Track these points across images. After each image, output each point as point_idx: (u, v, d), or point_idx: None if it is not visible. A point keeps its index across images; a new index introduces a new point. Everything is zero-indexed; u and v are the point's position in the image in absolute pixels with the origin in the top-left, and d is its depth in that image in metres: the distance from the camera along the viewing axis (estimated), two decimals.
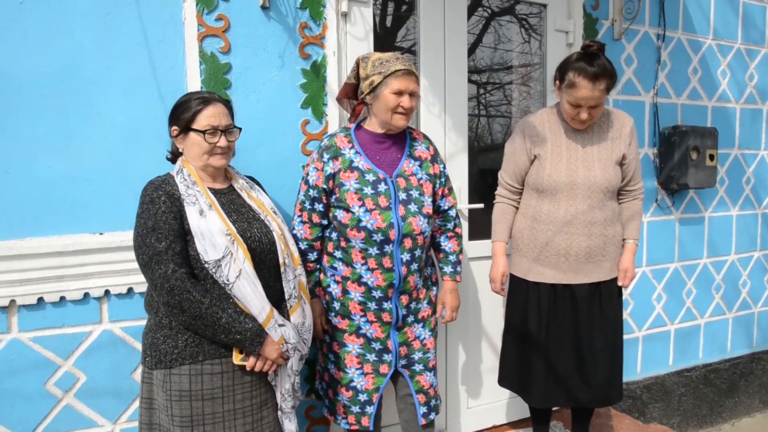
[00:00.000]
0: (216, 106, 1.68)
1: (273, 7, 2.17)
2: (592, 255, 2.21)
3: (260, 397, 1.69)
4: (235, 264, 1.58)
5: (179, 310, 1.54)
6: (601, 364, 2.23)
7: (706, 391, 3.53)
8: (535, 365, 2.27)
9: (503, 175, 2.38)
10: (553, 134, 2.25)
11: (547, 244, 2.22)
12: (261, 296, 1.61)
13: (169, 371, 1.59)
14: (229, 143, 1.71)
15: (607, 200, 2.21)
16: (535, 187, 2.26)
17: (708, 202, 3.51)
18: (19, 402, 1.89)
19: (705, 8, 3.37)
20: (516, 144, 2.32)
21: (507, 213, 2.37)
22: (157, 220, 1.57)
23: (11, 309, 1.87)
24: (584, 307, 2.23)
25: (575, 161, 2.19)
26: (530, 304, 2.28)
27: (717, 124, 3.46)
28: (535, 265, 2.26)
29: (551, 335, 2.24)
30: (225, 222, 1.62)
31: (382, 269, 1.95)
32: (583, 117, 2.12)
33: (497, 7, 2.90)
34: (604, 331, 2.24)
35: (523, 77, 3.07)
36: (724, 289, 3.64)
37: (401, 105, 1.92)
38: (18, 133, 1.85)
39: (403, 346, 2.06)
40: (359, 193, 1.93)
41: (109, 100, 1.96)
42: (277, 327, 1.64)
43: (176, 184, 1.64)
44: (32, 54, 1.85)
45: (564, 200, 2.19)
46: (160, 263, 1.54)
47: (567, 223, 2.19)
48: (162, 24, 2.01)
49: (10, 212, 1.86)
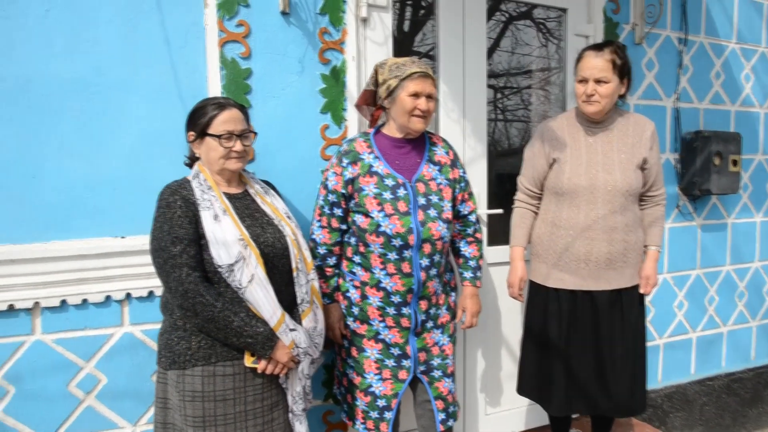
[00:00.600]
0: (231, 111, 1.70)
1: (293, 12, 2.19)
2: (613, 261, 2.18)
3: (271, 399, 1.71)
4: (247, 269, 1.61)
5: (192, 313, 1.57)
6: (621, 373, 2.19)
7: (729, 401, 3.46)
8: (555, 373, 2.24)
9: (522, 180, 2.37)
10: (573, 138, 2.23)
11: (567, 250, 2.20)
12: (272, 301, 1.63)
13: (183, 372, 1.63)
14: (245, 147, 1.73)
15: (628, 205, 2.18)
16: (554, 191, 2.24)
17: (731, 208, 3.45)
18: (42, 403, 1.92)
19: (729, 11, 3.32)
20: (535, 148, 2.31)
21: (526, 218, 2.35)
22: (173, 224, 1.60)
23: (35, 311, 1.90)
24: (605, 314, 2.19)
25: (595, 165, 2.17)
26: (550, 311, 2.25)
27: (740, 129, 3.40)
28: (554, 271, 2.23)
29: (571, 342, 2.21)
30: (238, 227, 1.64)
31: (401, 274, 1.94)
32: (589, 90, 2.10)
33: (515, 11, 2.89)
34: (625, 338, 2.20)
35: (541, 81, 3.05)
36: (748, 296, 3.57)
37: (418, 107, 1.92)
38: (44, 138, 1.88)
39: (422, 352, 2.05)
40: (378, 198, 1.93)
41: (131, 105, 1.98)
42: (288, 331, 1.66)
43: (192, 189, 1.67)
44: (58, 60, 1.88)
45: (584, 204, 2.17)
46: (175, 267, 1.57)
47: (587, 228, 2.16)
48: (184, 30, 2.03)
49: (35, 216, 1.88)
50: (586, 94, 2.13)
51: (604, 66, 2.09)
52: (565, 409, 2.25)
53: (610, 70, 2.10)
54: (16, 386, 1.88)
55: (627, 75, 2.17)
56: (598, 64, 2.10)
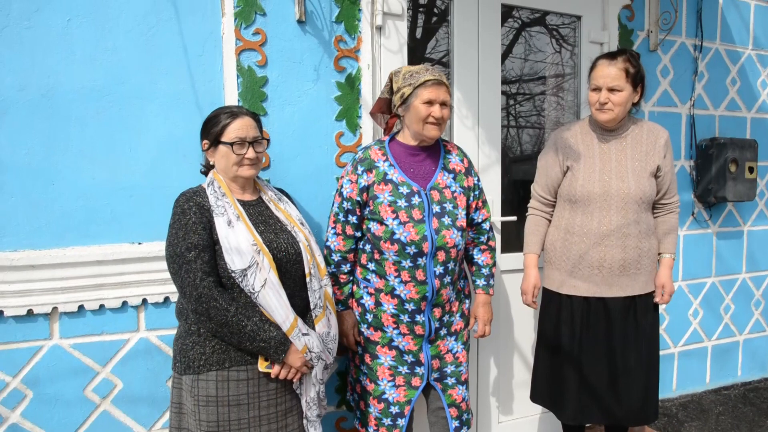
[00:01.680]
0: (243, 119, 1.73)
1: (309, 21, 2.21)
2: (627, 268, 2.17)
3: (285, 405, 1.72)
4: (260, 273, 1.62)
5: (206, 317, 1.59)
6: (635, 381, 2.18)
7: (746, 411, 3.42)
8: (568, 380, 2.23)
9: (536, 188, 2.37)
10: (586, 145, 2.23)
11: (581, 257, 2.19)
12: (285, 305, 1.65)
13: (197, 377, 1.64)
14: (257, 154, 1.75)
15: (641, 212, 2.18)
16: (568, 198, 2.24)
17: (747, 215, 3.41)
18: (59, 407, 1.94)
19: (745, 18, 3.30)
20: (548, 156, 2.31)
21: (539, 225, 2.35)
22: (188, 230, 1.62)
23: (53, 316, 1.93)
24: (618, 321, 2.18)
25: (608, 172, 2.17)
26: (563, 318, 2.24)
27: (757, 136, 3.37)
28: (568, 278, 2.23)
29: (584, 350, 2.20)
30: (252, 232, 1.66)
31: (415, 282, 1.95)
32: (603, 98, 2.11)
33: (528, 18, 2.89)
34: (639, 346, 2.19)
35: (554, 88, 3.04)
36: (764, 305, 3.53)
37: (432, 115, 1.92)
38: (63, 146, 1.91)
39: (436, 359, 2.05)
40: (393, 206, 1.93)
41: (150, 113, 2.01)
42: (300, 336, 1.66)
43: (207, 196, 1.70)
44: (79, 69, 1.91)
45: (597, 212, 2.17)
46: (189, 272, 1.59)
47: (600, 234, 2.16)
48: (201, 39, 2.05)
49: (54, 222, 1.91)
50: (599, 102, 2.13)
51: (618, 74, 2.10)
52: (579, 417, 2.23)
53: (623, 79, 2.11)
54: (33, 390, 1.91)
55: (640, 83, 2.17)
56: (611, 72, 2.11)
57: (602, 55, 2.22)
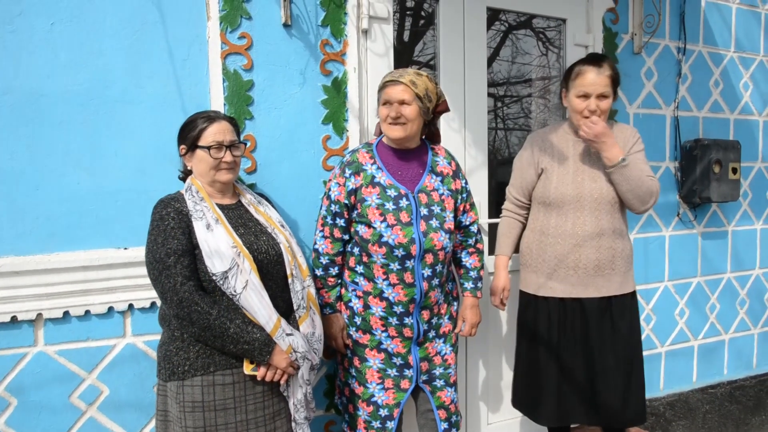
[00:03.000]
0: (220, 123, 1.75)
1: (295, 24, 2.21)
2: (601, 268, 2.20)
3: (273, 408, 1.71)
4: (241, 275, 1.63)
5: (189, 321, 1.59)
6: (613, 382, 2.17)
7: (732, 409, 3.45)
8: (545, 382, 2.23)
9: (510, 190, 2.40)
10: (561, 148, 2.26)
11: (556, 258, 2.22)
12: (268, 306, 1.65)
13: (182, 383, 1.63)
14: (235, 158, 1.76)
15: (614, 212, 2.21)
16: (542, 200, 2.26)
17: (731, 215, 3.45)
18: (44, 414, 1.92)
19: (727, 20, 3.34)
20: (524, 158, 2.34)
21: (512, 228, 2.38)
22: (167, 236, 1.63)
23: (38, 322, 1.91)
24: (594, 322, 2.20)
25: (581, 174, 2.20)
26: (540, 320, 2.26)
27: (740, 137, 3.41)
28: (544, 279, 2.25)
29: (561, 351, 2.21)
30: (231, 235, 1.67)
31: (403, 284, 1.95)
32: (592, 106, 2.12)
33: (515, 21, 2.91)
34: (616, 347, 2.19)
35: (541, 90, 3.06)
36: (749, 304, 3.57)
37: (389, 114, 1.94)
38: (48, 150, 1.89)
39: (425, 362, 2.05)
40: (381, 209, 1.94)
41: (135, 117, 2.00)
42: (285, 336, 1.67)
43: (185, 201, 1.71)
44: (63, 73, 1.89)
45: (571, 213, 2.20)
46: (169, 277, 1.59)
47: (575, 236, 2.19)
48: (187, 43, 2.05)
49: (39, 227, 1.89)
50: (589, 110, 2.14)
51: (607, 82, 2.14)
52: (555, 419, 2.23)
53: (610, 86, 2.15)
54: (18, 398, 1.89)
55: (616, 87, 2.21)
56: (601, 80, 2.13)
57: (584, 60, 2.22)
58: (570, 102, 2.21)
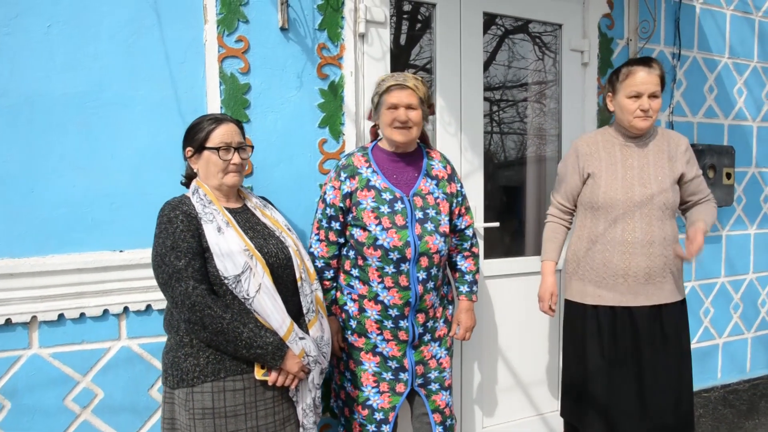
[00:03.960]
0: (228, 125, 1.72)
1: (292, 28, 2.21)
2: (652, 276, 2.13)
3: (282, 414, 1.69)
4: (254, 279, 1.59)
5: (201, 326, 1.55)
6: (664, 392, 2.12)
7: (725, 413, 3.46)
8: (595, 394, 2.18)
9: (555, 195, 2.37)
10: (608, 152, 2.22)
11: (605, 265, 2.16)
12: (281, 310, 1.62)
13: (192, 390, 1.59)
14: (242, 160, 1.74)
15: (666, 219, 2.15)
16: (590, 206, 2.22)
17: (725, 220, 3.47)
18: (38, 417, 1.91)
19: (721, 27, 3.37)
20: (568, 164, 2.30)
21: (557, 232, 2.34)
22: (176, 239, 1.58)
23: (32, 325, 1.90)
24: (645, 330, 2.14)
25: (631, 178, 2.15)
26: (588, 329, 2.20)
27: (734, 143, 3.43)
28: (592, 287, 2.19)
29: (612, 361, 2.15)
30: (243, 238, 1.64)
31: (398, 288, 1.95)
32: (645, 105, 2.09)
33: (511, 25, 2.92)
34: (668, 357, 2.14)
35: (537, 94, 3.08)
36: (743, 308, 3.59)
37: (396, 119, 1.94)
38: (44, 152, 1.89)
39: (420, 365, 2.05)
40: (376, 212, 1.94)
41: (132, 120, 2.00)
42: (297, 340, 1.64)
43: (192, 204, 1.66)
44: (60, 76, 1.90)
45: (621, 219, 2.14)
46: (180, 281, 1.55)
47: (624, 242, 2.13)
48: (184, 46, 2.05)
49: (33, 230, 1.89)
50: (641, 109, 2.11)
51: (658, 81, 2.12)
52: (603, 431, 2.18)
53: (660, 86, 2.14)
54: (12, 401, 1.88)
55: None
56: (653, 80, 2.11)
57: (632, 61, 2.19)
58: (620, 103, 2.17)
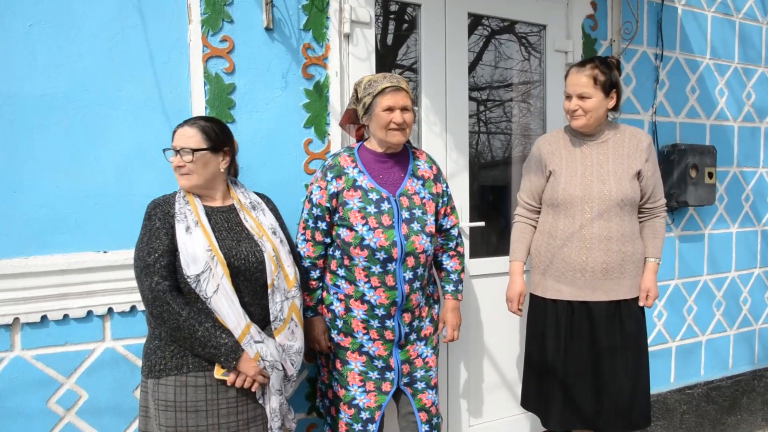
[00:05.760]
0: (183, 128, 1.76)
1: (277, 28, 2.21)
2: (610, 271, 2.19)
3: (247, 414, 1.71)
4: (213, 279, 1.64)
5: (161, 320, 1.63)
6: (621, 387, 2.17)
7: (709, 409, 3.51)
8: (554, 387, 2.23)
9: (521, 195, 2.40)
10: (568, 150, 2.27)
11: (564, 260, 2.21)
12: (237, 312, 1.65)
13: (158, 381, 1.66)
14: (186, 164, 1.72)
15: (624, 215, 2.19)
16: (550, 202, 2.27)
17: (708, 219, 3.52)
18: (21, 420, 1.89)
19: (703, 28, 3.41)
20: (531, 162, 2.36)
21: (525, 232, 2.37)
22: (151, 236, 1.68)
23: (15, 327, 1.88)
24: (602, 325, 2.19)
25: (590, 175, 2.20)
26: (548, 324, 2.25)
27: (715, 142, 3.48)
28: (552, 282, 2.24)
29: (569, 355, 2.20)
30: (209, 239, 1.68)
31: (384, 287, 1.96)
32: (572, 106, 2.17)
33: (497, 26, 2.94)
34: (625, 351, 2.19)
35: (523, 94, 3.10)
36: (725, 305, 3.64)
37: (393, 121, 1.95)
38: (26, 153, 1.87)
39: (406, 364, 2.06)
40: (362, 212, 1.95)
41: (115, 120, 1.98)
42: (252, 343, 1.66)
43: (174, 202, 1.74)
44: (42, 76, 1.88)
45: (579, 215, 2.19)
46: (148, 275, 1.63)
47: (582, 237, 2.18)
48: (168, 46, 2.04)
49: (16, 231, 1.87)
50: (570, 109, 2.20)
51: (586, 82, 2.16)
52: (564, 424, 2.23)
53: (592, 86, 2.16)
54: None
55: (614, 89, 2.21)
56: (580, 80, 2.17)
57: (574, 63, 2.28)
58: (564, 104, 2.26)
